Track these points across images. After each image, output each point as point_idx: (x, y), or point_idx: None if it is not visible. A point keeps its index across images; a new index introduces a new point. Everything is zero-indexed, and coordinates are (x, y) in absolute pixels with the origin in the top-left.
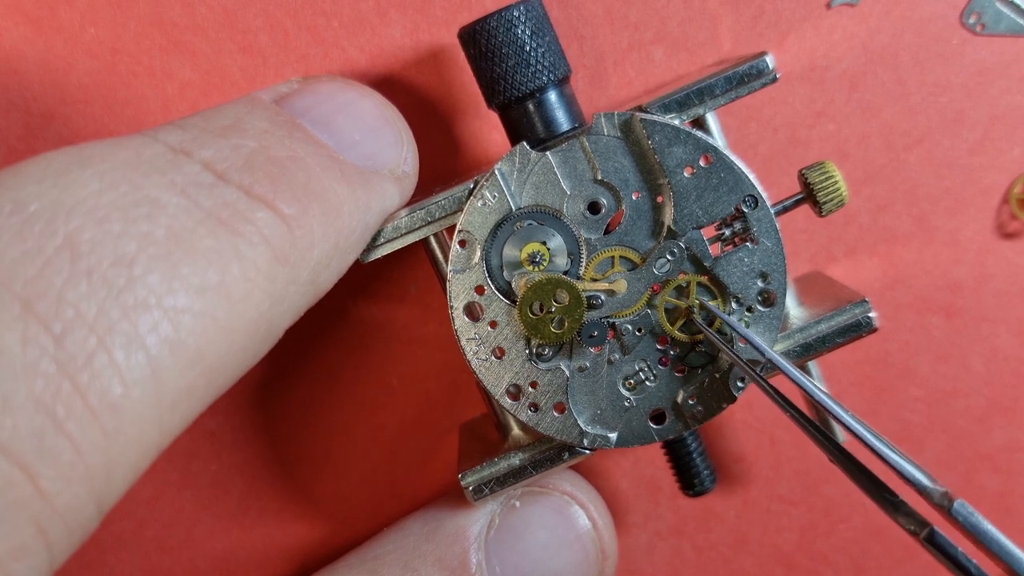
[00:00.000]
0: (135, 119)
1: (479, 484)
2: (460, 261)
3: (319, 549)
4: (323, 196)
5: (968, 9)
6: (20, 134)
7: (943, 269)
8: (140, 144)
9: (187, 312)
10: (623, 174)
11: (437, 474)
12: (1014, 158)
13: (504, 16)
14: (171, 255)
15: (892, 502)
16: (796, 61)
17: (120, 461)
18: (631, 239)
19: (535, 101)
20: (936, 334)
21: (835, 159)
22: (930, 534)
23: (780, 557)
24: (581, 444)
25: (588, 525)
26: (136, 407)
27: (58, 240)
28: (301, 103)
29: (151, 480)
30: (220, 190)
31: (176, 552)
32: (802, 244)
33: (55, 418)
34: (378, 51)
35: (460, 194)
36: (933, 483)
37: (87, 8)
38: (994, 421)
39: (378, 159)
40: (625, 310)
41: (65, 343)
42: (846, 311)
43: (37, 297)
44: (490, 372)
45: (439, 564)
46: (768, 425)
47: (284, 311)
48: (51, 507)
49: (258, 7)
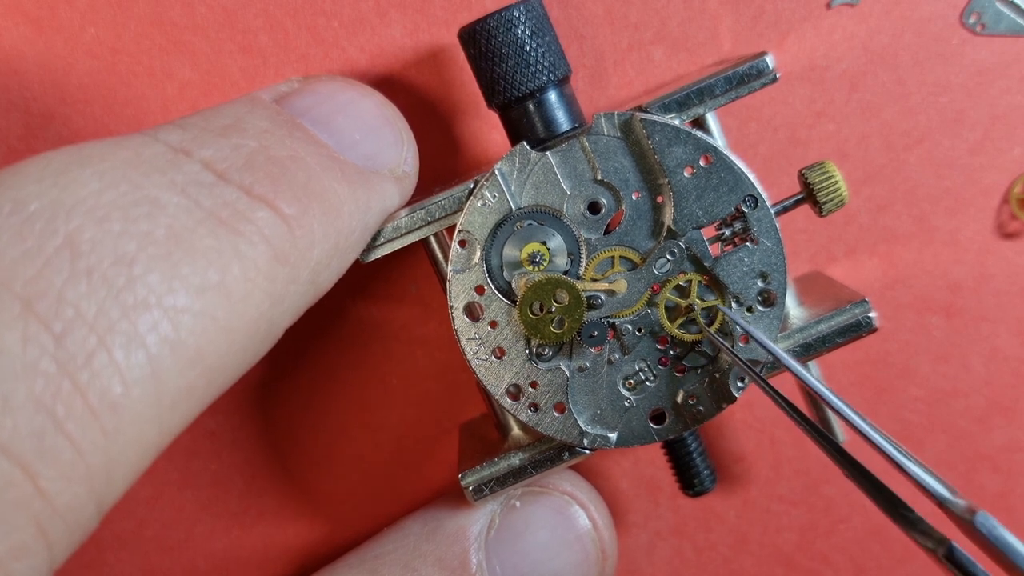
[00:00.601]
0: (135, 119)
1: (479, 484)
2: (460, 261)
3: (319, 549)
4: (323, 196)
5: (968, 9)
6: (20, 134)
7: (943, 269)
8: (140, 143)
9: (187, 312)
10: (623, 174)
11: (437, 474)
12: (1014, 158)
13: (504, 16)
14: (171, 255)
15: (907, 518)
16: (796, 61)
17: (120, 461)
18: (631, 239)
19: (535, 101)
20: (936, 334)
21: (835, 159)
22: (949, 551)
23: (780, 557)
24: (581, 444)
25: (588, 525)
26: (136, 406)
27: (58, 239)
28: (301, 103)
29: (151, 480)
30: (220, 190)
31: (176, 552)
32: (802, 244)
33: (55, 418)
34: (378, 51)
35: (460, 194)
36: (954, 495)
37: (87, 8)
38: (994, 421)
39: (378, 159)
40: (625, 310)
41: (65, 342)
42: (846, 311)
43: (37, 296)
44: (490, 372)
45: (439, 564)
46: (768, 425)
47: (284, 311)
48: (51, 507)
49: (258, 7)
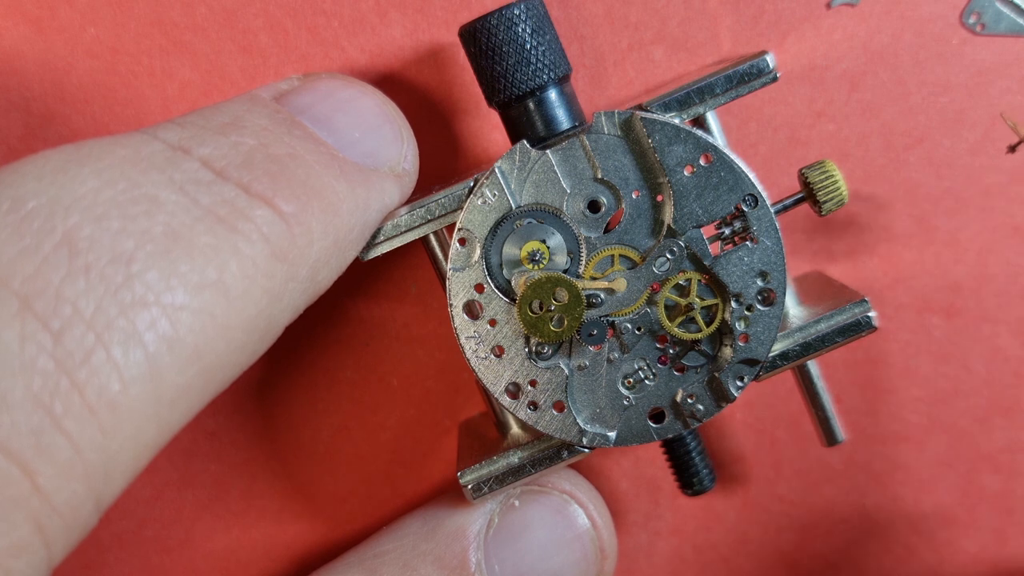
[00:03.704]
0: (135, 119)
1: (478, 482)
2: (460, 259)
3: (319, 548)
4: (322, 193)
5: (968, 9)
6: (20, 134)
7: (943, 269)
8: (139, 142)
9: (185, 309)
10: (623, 172)
11: (436, 473)
12: (1014, 158)
13: (505, 14)
14: (169, 252)
15: None
16: (796, 61)
17: (118, 458)
18: (631, 238)
19: (535, 99)
20: (936, 334)
21: (835, 159)
22: None
23: (780, 557)
24: (580, 443)
25: (587, 524)
26: (134, 404)
27: (56, 237)
28: (301, 101)
29: (151, 480)
30: (219, 187)
31: (176, 552)
32: (802, 244)
33: (53, 415)
34: (378, 51)
35: (460, 192)
36: None
37: (87, 8)
38: (994, 421)
39: (378, 156)
40: (625, 309)
41: (63, 340)
42: (846, 311)
43: (35, 294)
44: (489, 370)
45: (438, 563)
46: (768, 425)
47: (283, 308)
48: (49, 504)
49: (258, 7)
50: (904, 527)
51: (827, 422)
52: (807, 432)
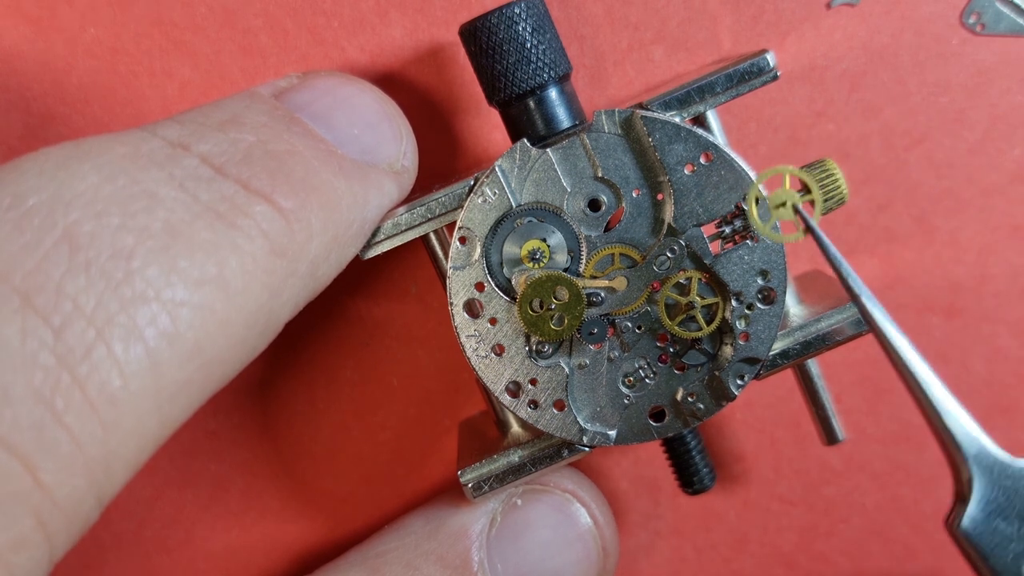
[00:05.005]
0: (135, 119)
1: (478, 481)
2: (460, 258)
3: (320, 548)
4: (321, 190)
5: (968, 9)
6: (20, 134)
7: (943, 269)
8: (138, 139)
9: (185, 305)
10: (623, 171)
11: (438, 473)
12: (1014, 158)
13: (505, 13)
14: (169, 248)
15: None
16: (796, 61)
17: (119, 453)
18: (631, 236)
19: (536, 98)
20: (936, 334)
21: (835, 159)
22: None
23: (780, 557)
24: (580, 441)
25: (590, 523)
26: (135, 399)
27: (57, 233)
28: (300, 98)
29: (151, 480)
30: (218, 184)
31: (176, 552)
32: (802, 243)
33: (54, 410)
34: (378, 51)
35: (460, 191)
36: None
37: (87, 8)
38: (994, 421)
39: (377, 153)
40: (625, 307)
41: (64, 336)
42: (846, 309)
43: (36, 290)
44: (490, 369)
45: (441, 562)
46: (768, 425)
47: (283, 304)
48: (51, 499)
49: (258, 7)
50: (904, 527)
51: (827, 422)
52: (807, 432)
